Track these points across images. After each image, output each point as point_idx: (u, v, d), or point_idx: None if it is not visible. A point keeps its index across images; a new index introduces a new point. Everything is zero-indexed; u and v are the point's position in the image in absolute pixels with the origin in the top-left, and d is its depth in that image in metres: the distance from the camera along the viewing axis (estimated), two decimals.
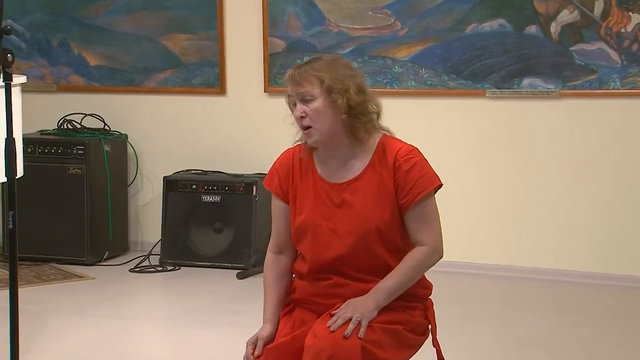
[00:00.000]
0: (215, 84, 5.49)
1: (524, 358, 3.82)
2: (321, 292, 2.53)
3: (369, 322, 2.41)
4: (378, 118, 2.54)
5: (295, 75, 2.47)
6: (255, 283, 4.86)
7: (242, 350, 2.60)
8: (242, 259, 5.15)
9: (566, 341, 4.00)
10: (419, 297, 2.56)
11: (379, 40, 5.17)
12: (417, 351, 2.57)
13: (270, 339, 2.56)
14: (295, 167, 2.58)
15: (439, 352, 2.59)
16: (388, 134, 2.56)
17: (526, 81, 4.95)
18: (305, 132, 2.49)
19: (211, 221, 5.28)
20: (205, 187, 5.28)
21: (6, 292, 2.69)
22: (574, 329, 4.16)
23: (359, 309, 2.42)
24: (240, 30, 5.41)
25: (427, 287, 2.61)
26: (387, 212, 2.48)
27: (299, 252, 2.62)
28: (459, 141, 5.12)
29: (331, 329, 2.38)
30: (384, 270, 2.49)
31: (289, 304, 2.61)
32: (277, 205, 2.62)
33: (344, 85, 2.46)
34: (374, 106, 2.53)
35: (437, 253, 2.51)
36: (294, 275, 2.65)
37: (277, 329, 2.58)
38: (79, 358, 3.81)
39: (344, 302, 2.47)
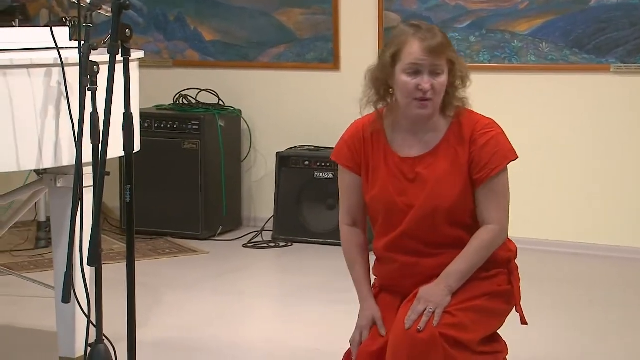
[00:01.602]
0: (329, 59, 5.44)
1: None
2: (393, 275, 2.53)
3: (445, 309, 2.38)
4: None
5: (432, 46, 2.42)
6: None
7: (352, 327, 2.56)
8: None
9: None
10: (500, 262, 2.50)
11: (498, 14, 5.02)
12: (509, 314, 2.51)
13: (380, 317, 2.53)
14: (367, 139, 2.55)
15: (522, 317, 2.55)
16: (465, 106, 2.51)
17: None
18: (422, 102, 2.44)
19: (323, 198, 5.25)
20: (318, 164, 5.25)
21: (124, 265, 2.72)
22: None
23: (430, 299, 2.40)
24: (355, 4, 5.34)
25: (509, 249, 2.54)
26: (458, 188, 2.45)
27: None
28: (580, 118, 4.95)
29: (406, 326, 2.37)
30: (451, 242, 2.45)
31: (375, 288, 2.60)
32: (348, 178, 2.57)
33: (458, 66, 2.46)
34: (466, 87, 2.51)
35: (504, 233, 2.48)
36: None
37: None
38: (193, 332, 3.84)
39: (419, 280, 2.44)
